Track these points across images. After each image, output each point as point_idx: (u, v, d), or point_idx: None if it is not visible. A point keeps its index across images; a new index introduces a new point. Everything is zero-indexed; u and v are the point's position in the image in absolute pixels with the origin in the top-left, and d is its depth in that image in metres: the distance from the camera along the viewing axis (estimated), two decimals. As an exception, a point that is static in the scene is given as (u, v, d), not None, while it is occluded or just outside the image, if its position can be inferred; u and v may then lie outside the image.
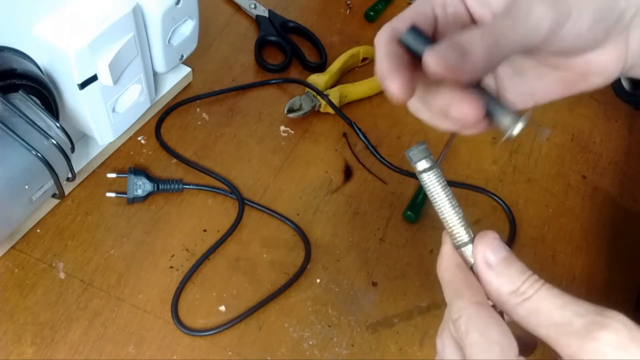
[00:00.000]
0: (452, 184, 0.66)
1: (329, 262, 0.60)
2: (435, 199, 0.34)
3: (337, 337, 0.56)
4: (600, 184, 0.69)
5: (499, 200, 0.66)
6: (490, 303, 0.31)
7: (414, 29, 0.31)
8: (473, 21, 0.35)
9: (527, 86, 0.36)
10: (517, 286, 0.30)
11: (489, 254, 0.31)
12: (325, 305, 0.57)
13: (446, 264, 0.33)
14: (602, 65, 0.35)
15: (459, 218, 0.34)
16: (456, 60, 0.28)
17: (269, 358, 0.54)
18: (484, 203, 0.66)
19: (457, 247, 0.33)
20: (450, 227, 0.34)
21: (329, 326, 0.56)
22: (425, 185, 0.34)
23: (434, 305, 0.58)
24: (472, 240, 0.33)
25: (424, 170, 0.33)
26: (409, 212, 0.63)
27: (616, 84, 0.75)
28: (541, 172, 0.69)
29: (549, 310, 0.29)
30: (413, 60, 0.32)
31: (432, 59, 0.28)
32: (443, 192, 0.33)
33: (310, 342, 0.55)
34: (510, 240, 0.63)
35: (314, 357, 0.55)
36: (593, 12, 0.32)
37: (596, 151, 0.72)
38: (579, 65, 0.35)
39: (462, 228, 0.33)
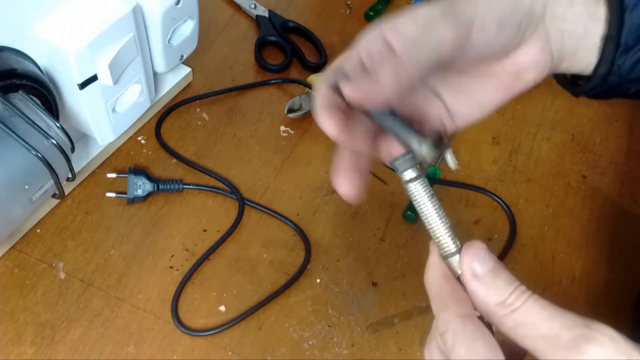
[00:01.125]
0: (452, 184, 0.66)
1: (329, 262, 0.60)
2: (421, 209, 0.33)
3: (337, 337, 0.56)
4: (600, 184, 0.69)
5: (499, 200, 0.66)
6: (478, 314, 0.31)
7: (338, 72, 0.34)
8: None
9: (472, 100, 0.38)
10: (504, 297, 0.30)
11: (475, 264, 0.31)
12: (325, 305, 0.57)
13: (433, 275, 0.33)
14: (530, 61, 0.36)
15: (446, 228, 0.33)
16: (366, 85, 0.31)
17: (269, 358, 0.54)
18: (484, 203, 0.66)
19: (444, 258, 0.33)
20: (437, 238, 0.33)
21: (329, 326, 0.56)
22: (412, 195, 0.33)
23: (434, 305, 0.58)
24: (459, 251, 0.32)
25: (410, 180, 0.33)
26: (409, 212, 0.63)
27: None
28: (541, 172, 0.69)
29: (535, 322, 0.29)
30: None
31: (346, 87, 0.32)
32: (430, 201, 0.33)
33: (310, 342, 0.55)
34: (510, 240, 0.63)
35: (314, 357, 0.55)
36: (496, 17, 0.34)
37: (596, 151, 0.72)
38: (509, 67, 0.36)
39: (449, 238, 0.33)
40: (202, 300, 0.56)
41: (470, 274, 0.31)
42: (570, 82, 0.41)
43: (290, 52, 0.75)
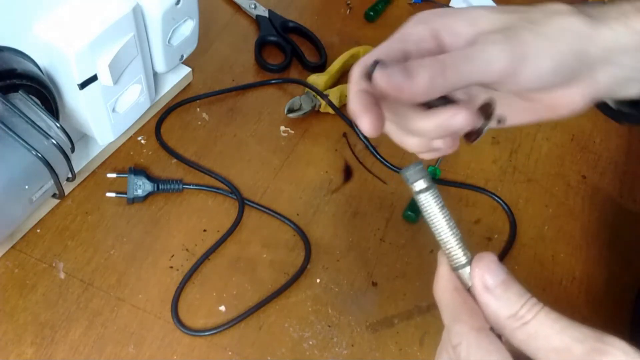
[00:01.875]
0: (452, 184, 0.66)
1: (329, 262, 0.60)
2: (432, 220, 0.33)
3: (337, 337, 0.56)
4: (600, 184, 0.69)
5: (499, 200, 0.66)
6: (489, 326, 0.31)
7: (376, 63, 0.32)
8: None
9: (498, 111, 0.38)
10: (515, 310, 0.30)
11: (487, 277, 0.31)
12: (325, 305, 0.57)
13: (444, 287, 0.33)
14: (569, 101, 0.36)
15: (457, 240, 0.32)
16: (400, 80, 0.31)
17: (269, 358, 0.54)
18: (483, 203, 0.66)
19: (455, 269, 0.33)
20: (447, 249, 0.33)
21: (329, 326, 0.56)
22: (422, 206, 0.33)
23: (434, 305, 0.58)
24: (469, 262, 0.32)
25: (421, 191, 0.33)
26: (409, 212, 0.63)
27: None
28: (541, 172, 0.69)
29: (547, 334, 0.29)
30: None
31: (379, 75, 0.31)
32: (440, 212, 0.33)
33: (310, 342, 0.55)
34: (511, 240, 0.63)
35: (314, 357, 0.55)
36: (555, 57, 0.33)
37: (596, 151, 0.72)
38: (546, 99, 0.36)
39: (460, 250, 0.32)
40: (202, 300, 0.56)
41: (481, 287, 0.31)
42: (607, 106, 0.41)
43: (290, 52, 0.75)
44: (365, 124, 0.33)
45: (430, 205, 0.33)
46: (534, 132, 0.72)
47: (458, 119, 0.32)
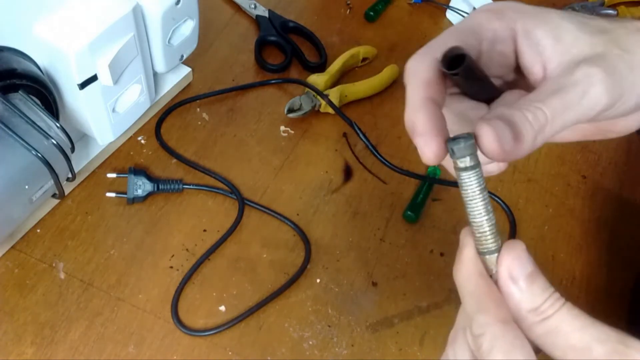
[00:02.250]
0: (452, 184, 0.66)
1: (329, 262, 0.60)
2: (470, 201, 0.31)
3: (337, 337, 0.56)
4: (600, 184, 0.69)
5: (499, 201, 0.66)
6: (513, 319, 0.30)
7: (468, 67, 0.29)
8: (517, 66, 0.33)
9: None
10: (538, 304, 0.29)
11: (515, 267, 0.30)
12: (325, 305, 0.57)
13: (468, 272, 0.31)
14: (625, 125, 0.35)
15: (491, 225, 0.31)
16: (510, 143, 0.28)
17: (269, 358, 0.54)
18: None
19: (481, 254, 0.31)
20: (480, 233, 0.31)
21: (329, 326, 0.56)
22: (464, 185, 0.30)
23: (434, 305, 0.58)
24: (498, 250, 0.31)
25: (466, 169, 0.30)
26: (409, 212, 0.63)
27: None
28: (541, 172, 0.69)
29: (567, 332, 0.28)
30: (443, 87, 0.31)
31: (488, 135, 0.28)
32: (480, 194, 0.30)
33: (310, 342, 0.55)
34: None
35: (314, 357, 0.55)
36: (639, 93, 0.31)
37: (596, 151, 0.72)
38: (603, 125, 0.35)
39: (492, 236, 0.31)
40: (202, 300, 0.56)
41: (507, 276, 0.30)
42: None
43: (290, 52, 0.75)
44: (432, 150, 0.29)
45: (472, 185, 0.30)
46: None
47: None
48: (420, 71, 0.30)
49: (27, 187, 0.49)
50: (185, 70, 0.70)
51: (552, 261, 0.63)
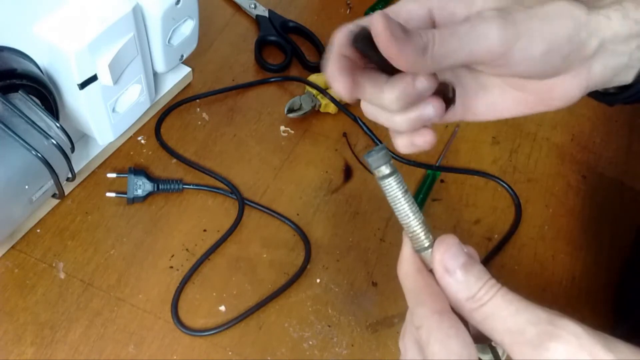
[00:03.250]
0: (458, 171, 0.66)
1: (329, 262, 0.60)
2: (395, 204, 0.33)
3: (337, 337, 0.56)
4: (600, 184, 0.69)
5: (505, 185, 0.66)
6: (450, 309, 0.31)
7: (364, 31, 0.31)
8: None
9: (490, 101, 0.37)
10: (473, 292, 0.30)
11: (447, 259, 0.31)
12: (325, 305, 0.57)
13: (406, 269, 0.33)
14: (563, 91, 0.35)
15: (419, 223, 0.33)
16: (399, 36, 0.30)
17: (269, 358, 0.54)
18: (483, 203, 0.66)
19: (418, 251, 0.33)
20: (411, 233, 0.33)
21: (329, 326, 0.56)
22: (386, 191, 0.33)
23: (434, 305, 0.58)
24: (432, 245, 0.33)
25: (385, 176, 0.33)
26: (409, 212, 0.63)
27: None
28: (541, 172, 0.69)
29: (503, 316, 0.29)
30: (362, 62, 0.34)
31: (381, 21, 0.30)
32: (403, 197, 0.33)
33: (310, 342, 0.55)
34: (513, 230, 0.63)
35: (314, 357, 0.55)
36: (547, 39, 0.32)
37: (596, 151, 0.72)
38: (540, 89, 0.36)
39: (422, 233, 0.33)
40: (202, 300, 0.56)
41: (442, 269, 0.31)
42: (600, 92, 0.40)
43: (290, 52, 0.75)
44: (341, 86, 0.33)
45: (394, 190, 0.33)
46: (534, 131, 0.72)
47: (417, 84, 0.32)
48: (337, 38, 0.34)
49: (27, 187, 0.49)
50: (185, 70, 0.70)
51: (552, 261, 0.63)
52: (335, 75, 0.33)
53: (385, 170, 0.32)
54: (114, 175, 0.62)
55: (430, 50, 0.30)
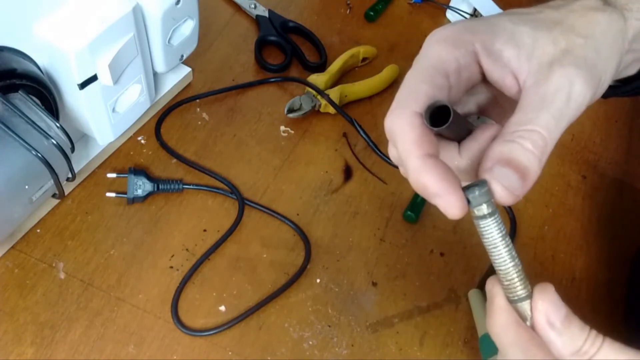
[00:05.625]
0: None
1: (329, 262, 0.60)
2: (493, 248, 0.30)
3: (337, 337, 0.56)
4: (600, 184, 0.69)
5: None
6: None
7: (439, 107, 0.28)
8: (484, 78, 0.33)
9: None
10: (579, 345, 0.29)
11: (551, 312, 0.30)
12: (325, 305, 0.57)
13: (505, 322, 0.31)
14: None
15: (518, 271, 0.30)
16: (520, 186, 0.28)
17: (269, 358, 0.54)
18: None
19: (512, 302, 0.31)
20: (508, 281, 0.30)
21: (329, 326, 0.56)
22: (484, 233, 0.30)
23: (434, 305, 0.58)
24: (529, 295, 0.30)
25: (484, 216, 0.29)
26: (409, 212, 0.63)
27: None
28: (541, 172, 0.69)
29: None
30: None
31: (497, 189, 0.28)
32: (502, 241, 0.30)
33: (310, 342, 0.55)
34: (511, 240, 0.63)
35: (314, 357, 0.55)
36: (613, 75, 0.32)
37: (596, 151, 0.72)
38: None
39: (520, 282, 0.30)
40: (202, 300, 0.56)
41: (545, 322, 0.30)
42: None
43: (290, 52, 0.75)
44: (456, 207, 0.29)
45: (492, 232, 0.30)
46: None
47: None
48: (405, 131, 0.30)
49: (27, 187, 0.49)
50: (185, 70, 0.70)
51: (552, 261, 0.63)
52: (440, 191, 0.29)
53: (486, 209, 0.29)
54: (114, 175, 0.62)
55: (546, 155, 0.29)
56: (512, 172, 0.28)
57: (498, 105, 0.36)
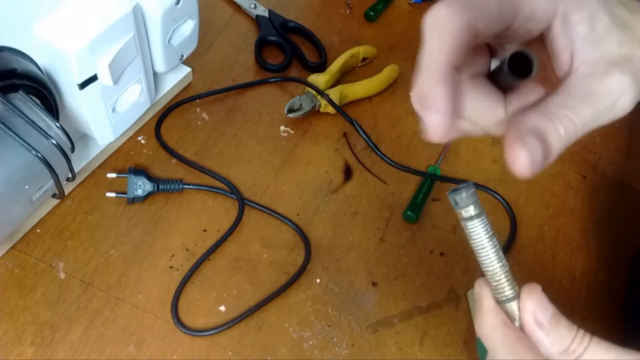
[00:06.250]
0: (451, 181, 0.66)
1: (329, 262, 0.60)
2: (479, 249, 0.30)
3: (337, 337, 0.56)
4: (600, 184, 0.69)
5: (499, 198, 0.66)
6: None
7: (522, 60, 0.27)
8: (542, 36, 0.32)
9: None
10: (567, 345, 0.29)
11: (539, 312, 0.30)
12: (325, 305, 0.57)
13: (493, 323, 0.31)
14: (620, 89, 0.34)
15: (505, 272, 0.30)
16: (540, 163, 0.28)
17: (269, 358, 0.54)
18: (484, 203, 0.66)
19: (500, 302, 0.31)
20: (495, 282, 0.31)
21: (329, 326, 0.56)
22: (471, 234, 0.30)
23: (434, 305, 0.58)
24: (517, 296, 0.31)
25: (471, 218, 0.30)
26: (409, 212, 0.63)
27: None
28: (541, 172, 0.69)
29: None
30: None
31: (523, 159, 0.28)
32: (489, 242, 0.30)
33: (310, 342, 0.55)
34: (511, 240, 0.63)
35: (314, 357, 0.55)
36: None
37: (596, 151, 0.72)
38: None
39: (508, 283, 0.30)
40: (202, 300, 0.56)
41: (533, 322, 0.30)
42: None
43: (290, 52, 0.75)
44: (443, 129, 0.27)
45: (480, 233, 0.30)
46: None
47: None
48: (450, 28, 0.27)
49: (27, 187, 0.49)
50: (185, 70, 0.70)
51: (552, 261, 0.63)
52: (441, 115, 0.27)
53: (472, 210, 0.29)
54: (114, 175, 0.62)
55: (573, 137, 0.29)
56: (539, 145, 0.28)
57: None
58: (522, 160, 0.28)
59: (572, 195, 0.68)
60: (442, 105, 0.27)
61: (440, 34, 0.27)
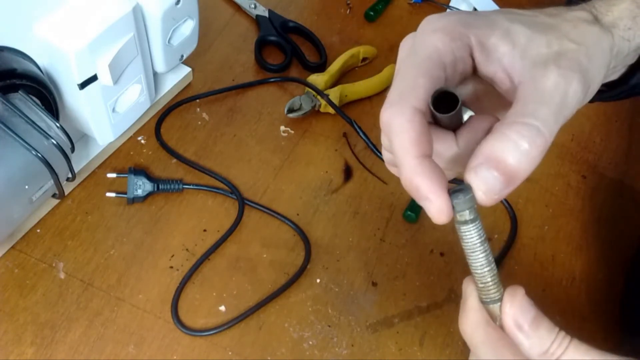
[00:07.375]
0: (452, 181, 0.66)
1: (329, 262, 0.60)
2: (471, 253, 0.31)
3: (337, 337, 0.56)
4: (600, 184, 0.69)
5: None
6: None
7: (442, 94, 0.28)
8: (474, 72, 0.34)
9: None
10: (547, 347, 0.30)
11: (519, 313, 0.30)
12: (325, 305, 0.57)
13: (475, 321, 0.32)
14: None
15: (492, 276, 0.31)
16: (501, 190, 0.29)
17: (269, 358, 0.54)
18: (484, 203, 0.66)
19: (484, 303, 0.32)
20: (482, 284, 0.31)
21: (329, 326, 0.56)
22: (464, 237, 0.31)
23: (434, 305, 0.58)
24: (501, 298, 0.31)
25: (466, 222, 0.30)
26: (409, 212, 0.63)
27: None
28: (541, 172, 0.69)
29: None
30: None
31: (477, 191, 0.28)
32: (481, 246, 0.30)
33: (310, 342, 0.55)
34: (511, 240, 0.63)
35: (314, 357, 0.55)
36: (599, 83, 0.32)
37: (596, 151, 0.72)
38: None
39: (494, 286, 0.31)
40: (202, 300, 0.56)
41: (513, 324, 0.30)
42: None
43: (290, 52, 0.75)
44: (439, 209, 0.29)
45: (473, 237, 0.30)
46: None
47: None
48: (405, 128, 0.30)
49: (27, 187, 0.49)
50: (185, 70, 0.70)
51: (552, 261, 0.63)
52: (430, 192, 0.29)
53: (468, 215, 0.30)
54: (114, 175, 0.62)
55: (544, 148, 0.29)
56: (496, 175, 0.28)
57: (480, 100, 0.37)
58: (477, 195, 0.29)
59: (572, 195, 0.68)
60: (433, 193, 0.29)
61: (400, 137, 0.30)
